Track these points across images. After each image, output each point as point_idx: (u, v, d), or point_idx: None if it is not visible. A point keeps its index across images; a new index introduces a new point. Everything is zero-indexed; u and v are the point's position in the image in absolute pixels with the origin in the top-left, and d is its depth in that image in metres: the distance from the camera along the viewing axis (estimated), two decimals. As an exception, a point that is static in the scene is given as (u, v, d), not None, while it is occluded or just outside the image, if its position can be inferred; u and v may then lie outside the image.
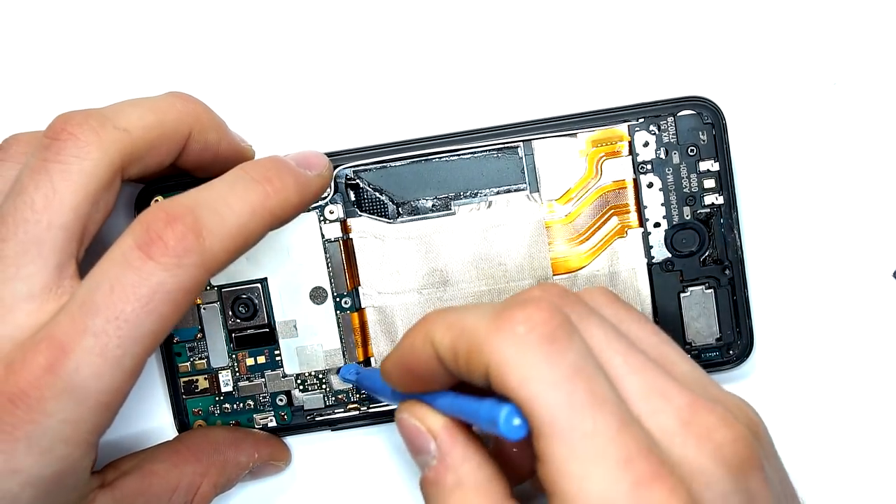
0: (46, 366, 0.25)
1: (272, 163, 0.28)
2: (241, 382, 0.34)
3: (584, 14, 0.35)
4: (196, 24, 0.35)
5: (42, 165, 0.27)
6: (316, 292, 0.34)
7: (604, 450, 0.22)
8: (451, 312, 0.25)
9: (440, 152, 0.33)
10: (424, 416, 0.26)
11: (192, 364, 0.34)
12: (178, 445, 0.33)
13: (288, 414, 0.34)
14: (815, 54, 0.34)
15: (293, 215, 0.29)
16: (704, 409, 0.24)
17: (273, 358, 0.34)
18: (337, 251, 0.34)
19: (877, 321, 0.35)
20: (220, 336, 0.34)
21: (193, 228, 0.26)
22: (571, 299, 0.26)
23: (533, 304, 0.24)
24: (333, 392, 0.34)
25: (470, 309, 0.25)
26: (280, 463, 0.34)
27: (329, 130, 0.35)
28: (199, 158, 0.31)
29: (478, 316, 0.24)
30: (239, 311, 0.34)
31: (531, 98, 0.35)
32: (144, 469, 0.31)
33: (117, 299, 0.25)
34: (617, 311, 0.27)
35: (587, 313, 0.25)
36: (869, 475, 0.35)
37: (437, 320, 0.25)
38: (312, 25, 0.35)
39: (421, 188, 0.34)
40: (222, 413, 0.34)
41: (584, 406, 0.22)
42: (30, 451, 0.25)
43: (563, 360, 0.23)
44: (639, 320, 0.27)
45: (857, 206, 0.35)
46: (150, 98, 0.30)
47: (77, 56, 0.35)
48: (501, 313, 0.24)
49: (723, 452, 0.23)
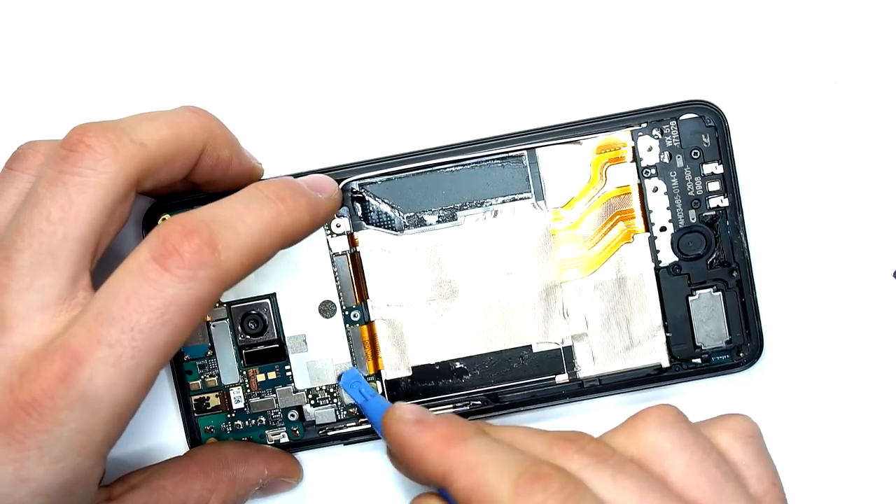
0: (60, 375, 0.25)
1: (286, 183, 0.29)
2: (252, 399, 0.34)
3: (585, 21, 0.35)
4: (207, 37, 0.35)
5: (59, 177, 0.27)
6: (325, 306, 0.34)
7: None
8: (473, 462, 0.27)
9: (445, 163, 0.33)
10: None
11: (202, 382, 0.34)
12: (187, 461, 0.33)
13: (300, 429, 0.34)
14: (815, 54, 0.35)
15: (304, 235, 0.29)
16: None
17: (284, 373, 0.34)
18: (345, 264, 0.34)
19: (877, 321, 0.35)
20: (231, 353, 0.34)
21: (209, 242, 0.26)
22: (601, 456, 0.26)
23: (543, 475, 0.25)
24: (345, 406, 0.34)
25: (491, 466, 0.26)
26: (291, 479, 0.34)
27: (334, 144, 0.35)
28: (211, 174, 0.31)
29: (498, 479, 0.25)
30: (248, 326, 0.34)
31: (534, 106, 0.35)
32: (153, 484, 0.31)
33: (133, 310, 0.25)
34: (673, 440, 0.27)
35: (619, 467, 0.26)
36: (877, 474, 0.35)
37: (457, 465, 0.27)
38: (317, 39, 0.35)
39: (427, 199, 0.34)
40: (234, 430, 0.34)
41: None
42: (41, 460, 0.25)
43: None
44: (700, 453, 0.27)
45: (858, 205, 0.35)
46: (167, 112, 0.30)
47: (91, 65, 0.35)
48: (521, 485, 0.25)
49: None
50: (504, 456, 0.26)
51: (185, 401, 0.34)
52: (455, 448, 0.27)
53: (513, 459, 0.26)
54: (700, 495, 0.26)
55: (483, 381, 0.34)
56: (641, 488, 0.25)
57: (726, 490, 0.26)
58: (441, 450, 0.27)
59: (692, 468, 0.26)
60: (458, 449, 0.27)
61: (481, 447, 0.27)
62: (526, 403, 0.34)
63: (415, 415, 0.29)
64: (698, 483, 0.26)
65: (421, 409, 0.29)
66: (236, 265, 0.27)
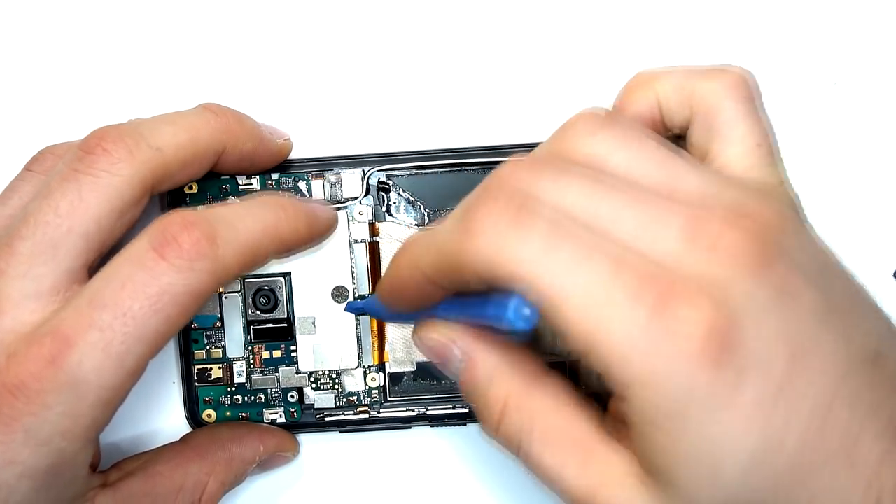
0: (49, 358, 0.25)
1: (287, 197, 0.30)
2: (254, 375, 0.34)
3: (596, 24, 0.35)
4: (230, 25, 0.36)
5: (72, 174, 0.28)
6: (338, 291, 0.34)
7: (607, 295, 0.22)
8: (426, 235, 0.25)
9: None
10: (439, 329, 0.27)
11: (207, 352, 0.34)
12: (182, 446, 0.33)
13: (298, 411, 0.34)
14: (815, 54, 0.35)
15: (299, 246, 0.31)
16: (704, 218, 0.23)
17: (289, 353, 0.34)
18: (363, 252, 0.34)
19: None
20: (239, 326, 0.34)
21: (209, 235, 0.26)
22: (537, 169, 0.24)
23: (488, 197, 0.23)
24: (345, 393, 0.34)
25: (441, 226, 0.25)
26: (288, 453, 0.34)
27: (364, 133, 0.35)
28: (238, 166, 0.33)
29: (447, 232, 0.24)
30: (260, 302, 0.34)
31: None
32: (148, 470, 0.31)
33: (126, 296, 0.26)
34: (605, 142, 0.25)
35: (558, 174, 0.24)
36: None
37: (416, 246, 0.25)
38: (360, 30, 0.36)
39: (450, 197, 0.34)
40: (233, 404, 0.34)
41: (570, 264, 0.22)
42: (27, 442, 0.26)
43: (533, 234, 0.22)
44: (635, 144, 0.25)
45: (857, 205, 0.35)
46: (186, 114, 0.31)
47: (112, 60, 0.36)
48: (465, 222, 0.23)
49: (733, 256, 0.22)
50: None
51: (188, 370, 0.34)
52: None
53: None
54: (650, 182, 0.24)
55: (485, 385, 0.34)
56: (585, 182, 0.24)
57: (678, 167, 0.24)
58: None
59: (633, 161, 0.24)
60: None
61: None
62: (525, 412, 0.34)
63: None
64: (647, 171, 0.24)
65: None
66: (232, 261, 0.27)
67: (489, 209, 0.23)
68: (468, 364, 0.26)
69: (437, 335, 0.26)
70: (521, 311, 0.23)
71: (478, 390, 0.26)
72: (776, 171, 0.26)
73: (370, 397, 0.34)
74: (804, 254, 0.23)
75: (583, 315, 0.22)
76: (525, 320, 0.23)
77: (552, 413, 0.25)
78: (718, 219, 0.23)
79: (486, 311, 0.24)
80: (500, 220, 0.23)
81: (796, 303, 0.22)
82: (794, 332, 0.22)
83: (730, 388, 0.21)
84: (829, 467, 0.22)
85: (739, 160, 0.26)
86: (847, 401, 0.22)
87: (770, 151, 0.26)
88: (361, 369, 0.34)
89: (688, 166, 0.24)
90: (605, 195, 0.23)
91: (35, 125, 0.35)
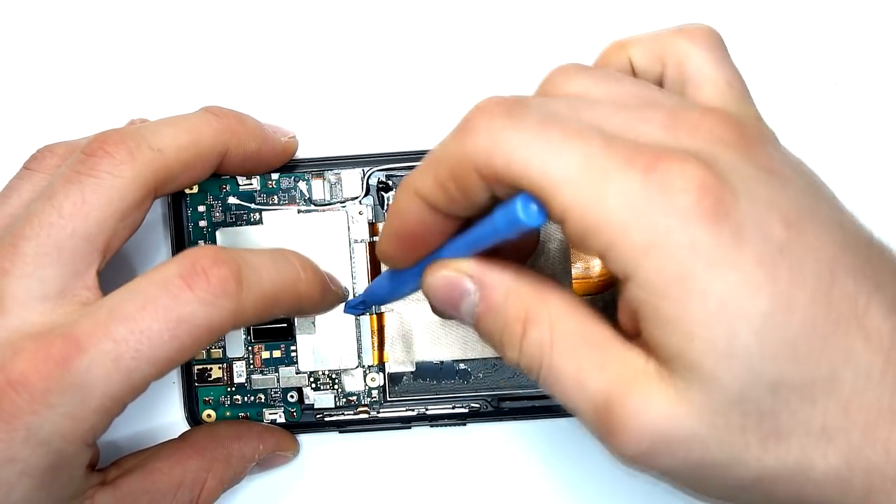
0: (58, 359, 0.25)
1: (309, 261, 0.30)
2: (254, 375, 0.34)
3: (596, 25, 0.35)
4: (230, 27, 0.36)
5: (75, 176, 0.28)
6: (338, 291, 0.34)
7: (600, 168, 0.22)
8: (419, 164, 0.25)
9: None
10: (447, 265, 0.26)
11: (207, 352, 0.34)
12: (181, 443, 0.33)
13: (297, 411, 0.34)
14: (815, 54, 0.35)
15: (309, 310, 0.30)
16: (687, 109, 0.24)
17: (289, 353, 0.34)
18: (362, 252, 0.34)
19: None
20: (239, 326, 0.34)
21: (236, 275, 0.27)
22: (522, 97, 0.25)
23: (480, 107, 0.24)
24: (345, 394, 0.34)
25: (435, 147, 0.25)
26: (287, 452, 0.34)
27: (364, 133, 0.35)
28: (243, 166, 0.33)
29: (444, 143, 0.24)
30: (260, 302, 0.34)
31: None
32: (147, 467, 0.31)
33: (147, 315, 0.26)
34: (585, 81, 0.26)
35: (543, 96, 0.25)
36: None
37: (412, 175, 0.25)
38: (357, 30, 0.36)
39: (451, 198, 0.34)
40: (232, 404, 0.34)
41: (564, 142, 0.22)
42: (27, 441, 0.26)
43: (526, 122, 0.23)
44: (613, 79, 0.26)
45: (857, 205, 0.35)
46: (188, 116, 0.31)
47: (112, 60, 0.36)
48: (460, 127, 0.24)
49: (716, 136, 0.23)
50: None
51: (188, 370, 0.34)
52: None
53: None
54: (623, 130, 0.24)
55: (485, 385, 0.34)
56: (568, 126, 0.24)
57: (654, 92, 0.25)
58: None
59: (613, 93, 0.25)
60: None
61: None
62: (525, 412, 0.34)
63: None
64: (626, 99, 0.25)
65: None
66: (252, 307, 0.27)
67: (482, 111, 0.24)
68: (483, 291, 0.25)
69: (447, 270, 0.26)
70: (528, 208, 0.23)
71: (497, 314, 0.25)
72: (750, 107, 0.27)
73: (370, 397, 0.34)
74: (785, 154, 0.24)
75: (579, 192, 0.22)
76: (534, 216, 0.23)
77: (568, 318, 0.24)
78: (697, 112, 0.24)
79: (495, 224, 0.24)
80: (494, 116, 0.23)
81: (784, 182, 0.23)
82: (785, 203, 0.22)
83: (730, 246, 0.21)
84: (843, 336, 0.22)
85: (712, 100, 0.26)
86: (850, 271, 0.22)
87: (742, 90, 0.27)
88: (361, 369, 0.34)
89: (665, 92, 0.26)
90: (590, 105, 0.24)
91: (35, 125, 0.35)
